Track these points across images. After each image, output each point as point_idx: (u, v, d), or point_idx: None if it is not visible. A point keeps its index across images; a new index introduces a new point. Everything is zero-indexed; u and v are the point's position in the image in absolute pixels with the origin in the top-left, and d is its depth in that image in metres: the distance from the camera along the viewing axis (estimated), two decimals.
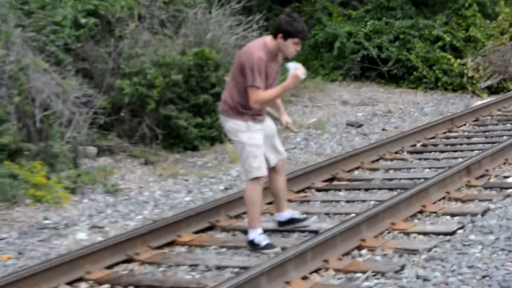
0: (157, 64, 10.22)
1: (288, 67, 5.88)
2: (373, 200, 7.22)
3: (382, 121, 12.13)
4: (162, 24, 11.18)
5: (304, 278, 5.28)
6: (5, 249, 6.53)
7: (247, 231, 6.14)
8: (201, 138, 10.33)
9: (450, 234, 6.00)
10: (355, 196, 7.54)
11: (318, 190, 7.92)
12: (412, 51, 15.13)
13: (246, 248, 6.08)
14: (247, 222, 6.19)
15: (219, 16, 11.52)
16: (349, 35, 15.21)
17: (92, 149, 9.58)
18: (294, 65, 5.85)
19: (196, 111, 10.42)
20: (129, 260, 5.98)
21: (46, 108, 8.75)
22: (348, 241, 5.82)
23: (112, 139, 9.96)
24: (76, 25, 10.11)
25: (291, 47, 5.89)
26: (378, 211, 6.25)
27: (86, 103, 9.47)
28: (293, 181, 7.60)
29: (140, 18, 10.89)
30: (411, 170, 8.53)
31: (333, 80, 15.22)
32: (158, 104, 10.18)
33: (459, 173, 7.57)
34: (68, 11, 10.00)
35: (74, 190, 8.26)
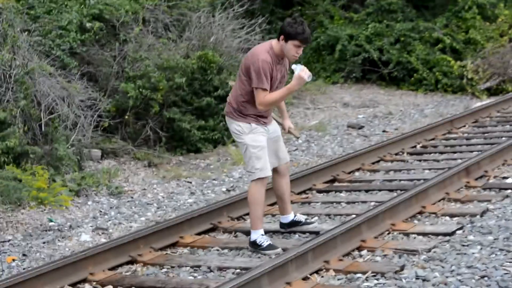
0: (161, 68, 10.24)
1: (294, 69, 5.91)
2: (374, 201, 7.19)
3: (383, 123, 12.07)
4: (166, 28, 11.18)
5: (305, 279, 5.27)
6: (10, 251, 6.55)
7: (249, 232, 6.13)
8: (204, 141, 10.33)
9: (450, 235, 5.97)
10: (356, 197, 7.52)
11: (319, 192, 7.90)
12: (413, 54, 15.09)
13: (248, 249, 6.08)
14: (250, 223, 6.18)
15: (222, 20, 11.50)
16: (351, 38, 15.19)
17: (97, 152, 9.61)
18: (299, 67, 5.87)
19: (199, 114, 10.42)
20: (132, 262, 5.98)
21: (52, 112, 8.78)
22: (349, 242, 5.81)
23: (116, 142, 9.98)
24: (81, 30, 10.15)
25: (292, 50, 5.89)
26: (378, 212, 6.24)
27: (91, 106, 9.50)
28: (295, 183, 7.53)
29: (144, 22, 10.90)
30: (411, 172, 8.48)
31: (335, 83, 15.20)
32: (162, 107, 10.20)
33: (459, 174, 7.54)
34: (74, 16, 10.05)
35: (79, 193, 8.27)
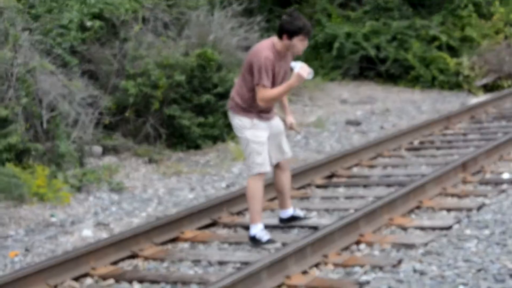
0: (161, 65, 10.21)
1: (293, 66, 5.94)
2: (372, 196, 7.26)
3: (380, 119, 12.06)
4: (166, 26, 11.15)
5: (304, 273, 5.32)
6: (13, 246, 6.59)
7: (249, 227, 6.18)
8: (204, 137, 10.31)
9: (447, 229, 6.03)
10: (354, 193, 7.56)
11: (318, 187, 7.95)
12: (409, 51, 15.06)
13: (248, 244, 6.12)
14: (249, 217, 6.23)
15: (221, 18, 11.45)
16: (348, 36, 15.15)
17: (98, 148, 9.62)
18: (299, 65, 5.90)
19: (199, 111, 10.40)
20: (134, 256, 6.02)
21: (53, 109, 8.78)
22: (347, 236, 5.87)
23: (117, 139, 9.96)
24: (82, 28, 10.15)
25: (298, 45, 5.94)
26: (376, 207, 6.29)
27: (92, 104, 9.51)
28: (294, 178, 7.44)
29: (144, 21, 10.87)
30: (409, 167, 8.53)
31: (333, 80, 15.15)
32: (162, 104, 10.19)
33: (455, 170, 7.59)
34: (74, 15, 10.05)
35: (80, 189, 8.30)
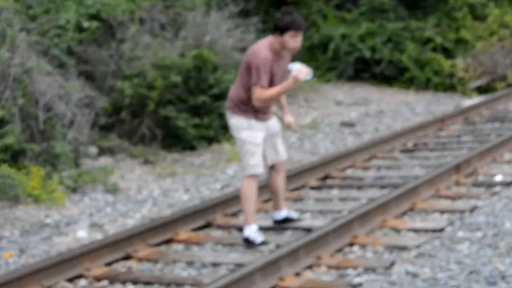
0: (157, 66, 10.24)
1: (290, 69, 5.93)
2: (365, 198, 7.26)
3: (375, 121, 12.07)
4: (162, 27, 11.16)
5: (297, 274, 5.33)
6: (7, 247, 6.58)
7: (243, 228, 6.20)
8: (199, 138, 10.32)
9: (439, 231, 6.04)
10: (348, 194, 7.56)
11: (312, 189, 7.94)
12: (404, 53, 15.09)
13: (242, 245, 6.13)
14: (243, 219, 6.25)
15: (218, 19, 11.45)
16: (343, 37, 15.14)
17: (93, 149, 9.63)
18: (296, 67, 5.88)
19: (195, 112, 10.42)
20: (128, 257, 6.03)
21: (49, 110, 8.77)
22: (341, 238, 5.87)
23: (113, 140, 9.99)
24: (79, 29, 10.18)
25: (290, 41, 5.91)
26: (370, 209, 6.29)
27: (88, 105, 9.52)
28: (288, 180, 7.47)
29: (141, 22, 10.89)
30: (402, 169, 8.53)
31: (328, 81, 15.17)
32: (158, 105, 10.21)
33: (449, 172, 7.58)
34: (71, 15, 10.06)
35: (75, 189, 8.31)
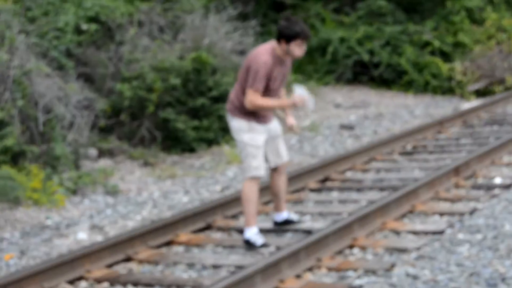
0: (156, 69, 10.25)
1: (295, 89, 5.95)
2: (365, 200, 7.26)
3: (374, 124, 12.08)
4: (161, 30, 11.16)
5: (298, 277, 5.33)
6: (8, 249, 6.59)
7: (243, 230, 6.20)
8: (199, 140, 10.32)
9: (439, 233, 6.04)
10: (348, 197, 7.57)
11: (312, 191, 7.94)
12: (403, 56, 15.11)
13: (242, 247, 6.13)
14: (244, 221, 6.23)
15: (216, 22, 11.46)
16: (342, 41, 15.18)
17: (93, 151, 9.63)
18: (299, 91, 5.92)
19: (194, 114, 10.42)
20: (128, 259, 6.03)
21: (49, 112, 8.79)
22: (341, 240, 5.87)
23: (112, 141, 9.99)
24: (78, 31, 10.19)
25: (296, 49, 5.95)
26: (370, 211, 6.29)
27: (87, 107, 9.52)
28: (288, 182, 7.34)
29: (140, 24, 10.90)
30: (402, 171, 8.53)
31: (327, 84, 15.19)
32: (157, 107, 10.22)
33: (448, 174, 7.59)
34: (70, 18, 10.07)
35: (75, 191, 8.31)
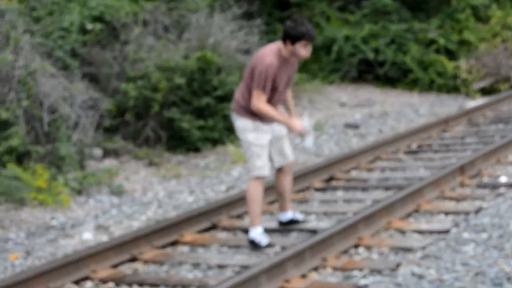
0: (161, 68, 10.26)
1: (303, 119, 6.01)
2: (370, 200, 7.26)
3: (379, 123, 12.07)
4: (166, 29, 11.17)
5: (303, 276, 5.33)
6: (13, 249, 6.61)
7: (248, 230, 6.21)
8: (204, 140, 10.33)
9: (445, 232, 6.04)
10: (353, 196, 7.56)
11: (317, 190, 7.94)
12: (408, 54, 15.09)
13: (247, 247, 6.13)
14: (249, 220, 6.25)
15: (221, 21, 11.47)
16: (347, 39, 15.18)
17: (98, 151, 9.65)
18: (305, 125, 5.96)
19: (199, 114, 10.43)
20: (134, 259, 6.04)
21: (54, 112, 8.80)
22: (346, 240, 5.87)
23: (117, 141, 10.00)
24: (83, 31, 10.21)
25: (301, 50, 5.93)
26: (375, 210, 6.29)
27: (92, 106, 9.54)
28: (293, 181, 7.37)
29: (145, 24, 10.91)
30: (407, 170, 8.52)
31: (331, 83, 15.19)
32: (162, 107, 10.22)
33: (453, 173, 7.58)
34: (75, 17, 10.09)
35: (80, 191, 8.32)
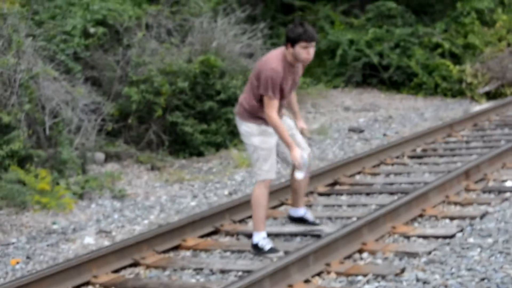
0: (164, 72, 10.25)
1: (302, 153, 6.01)
2: (374, 204, 7.23)
3: (383, 127, 12.06)
4: (169, 33, 11.18)
5: (307, 281, 5.30)
6: (14, 254, 6.60)
7: (251, 235, 6.17)
8: (207, 144, 10.32)
9: (450, 237, 6.02)
10: (357, 201, 7.53)
11: (321, 195, 7.90)
12: (412, 58, 15.07)
13: (250, 252, 6.10)
14: (252, 225, 6.21)
15: (224, 25, 11.48)
16: (351, 43, 15.16)
17: (100, 155, 9.63)
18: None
19: (202, 118, 10.42)
20: (135, 264, 6.02)
21: (56, 115, 8.80)
22: (350, 245, 5.85)
23: (120, 145, 9.99)
24: (85, 34, 10.20)
25: (302, 52, 5.91)
26: (379, 215, 6.27)
27: (95, 110, 9.53)
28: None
29: (148, 27, 10.92)
30: (411, 175, 8.50)
31: (336, 87, 15.19)
32: (165, 111, 10.21)
33: (458, 177, 7.56)
34: (78, 21, 10.10)
35: (82, 196, 8.30)
